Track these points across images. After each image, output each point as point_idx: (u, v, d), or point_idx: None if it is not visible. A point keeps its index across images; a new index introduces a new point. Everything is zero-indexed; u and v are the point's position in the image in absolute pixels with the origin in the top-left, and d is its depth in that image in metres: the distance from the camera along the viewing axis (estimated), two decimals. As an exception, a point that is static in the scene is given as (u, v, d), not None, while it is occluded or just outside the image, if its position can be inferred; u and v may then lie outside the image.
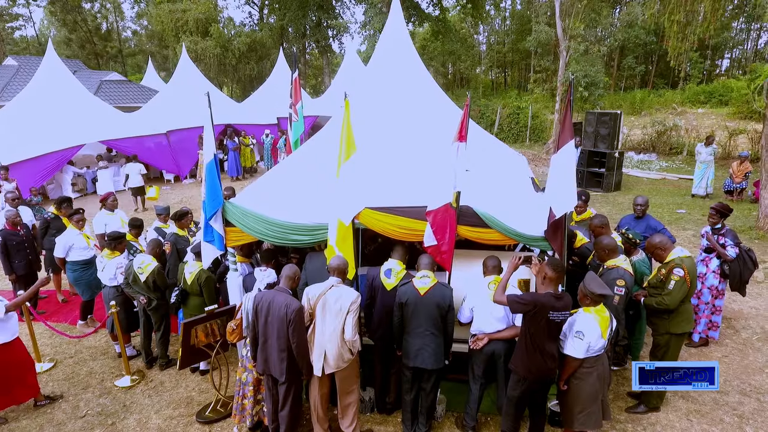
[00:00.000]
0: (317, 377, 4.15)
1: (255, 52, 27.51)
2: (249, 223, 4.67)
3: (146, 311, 5.61)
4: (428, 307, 4.06)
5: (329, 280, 4.06)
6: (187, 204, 13.59)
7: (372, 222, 4.44)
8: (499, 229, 4.26)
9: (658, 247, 4.42)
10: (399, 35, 5.53)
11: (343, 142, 4.32)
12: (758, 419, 4.47)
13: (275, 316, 3.97)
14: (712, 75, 38.34)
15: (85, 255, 6.30)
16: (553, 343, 3.78)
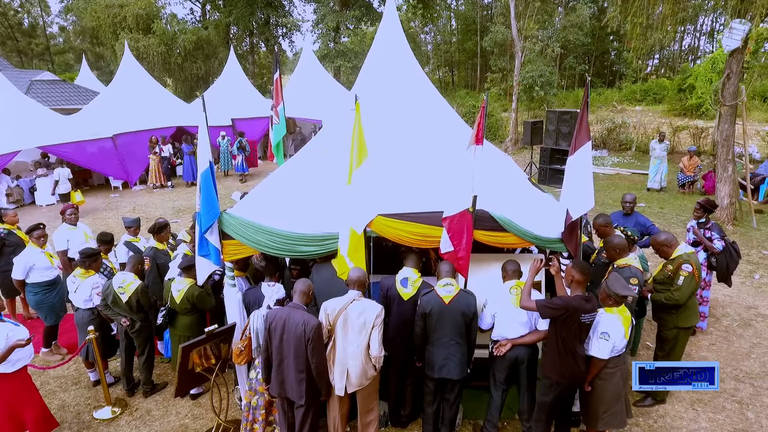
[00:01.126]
0: (337, 397, 3.92)
1: (201, 51, 26.27)
2: (250, 235, 4.35)
3: (128, 334, 5.13)
4: (453, 315, 3.93)
5: (349, 293, 3.84)
6: (140, 212, 12.75)
7: (385, 229, 4.25)
8: (515, 232, 4.21)
9: (664, 244, 4.54)
10: (394, 36, 5.36)
11: (354, 148, 4.11)
12: (757, 404, 4.70)
13: (292, 335, 3.71)
14: (644, 74, 40.88)
15: (48, 275, 5.69)
16: (582, 346, 3.77)
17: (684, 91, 24.71)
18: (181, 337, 4.97)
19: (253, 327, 4.11)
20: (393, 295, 4.25)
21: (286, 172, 5.17)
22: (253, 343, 4.17)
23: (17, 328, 4.11)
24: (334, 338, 3.81)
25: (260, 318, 4.11)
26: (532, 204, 4.56)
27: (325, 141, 5.21)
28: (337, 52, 23.66)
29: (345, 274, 4.26)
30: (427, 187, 4.45)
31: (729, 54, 8.53)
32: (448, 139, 4.93)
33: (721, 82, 8.74)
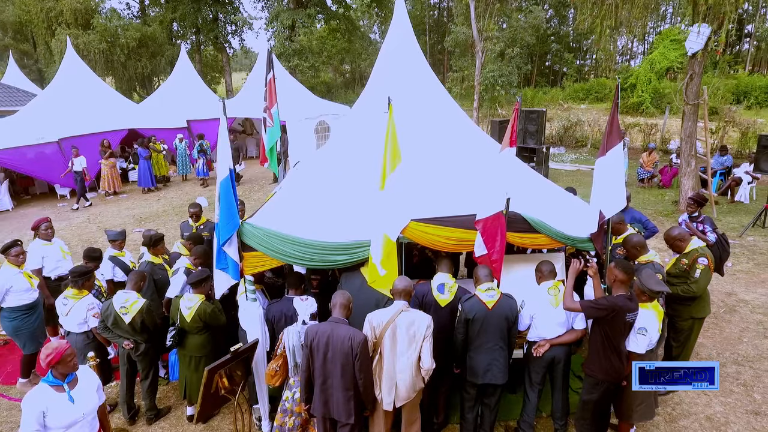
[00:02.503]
0: (383, 411, 3.78)
1: (146, 48, 24.80)
2: (276, 246, 4.11)
3: (130, 358, 4.72)
4: (497, 320, 3.89)
5: (396, 304, 3.70)
6: (96, 223, 11.88)
7: (419, 235, 4.15)
8: (547, 233, 4.24)
9: (678, 238, 4.73)
10: (405, 38, 5.24)
11: (388, 152, 3.97)
12: (760, 386, 5.01)
13: (338, 352, 3.53)
14: (583, 74, 43.04)
15: (27, 298, 5.14)
16: (625, 343, 3.84)
17: (625, 90, 26.22)
18: (192, 358, 4.65)
19: (288, 345, 3.88)
20: (429, 301, 4.15)
21: (302, 179, 4.93)
22: (290, 362, 3.93)
23: None
24: (381, 351, 3.66)
25: (295, 335, 3.89)
26: (557, 204, 4.60)
27: (336, 146, 5.02)
28: (294, 51, 23.13)
29: (376, 283, 4.13)
30: (456, 190, 4.39)
31: (691, 56, 9.10)
32: (468, 141, 4.90)
33: (685, 82, 9.30)
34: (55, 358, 3.03)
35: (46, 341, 5.63)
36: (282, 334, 3.96)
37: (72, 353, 3.12)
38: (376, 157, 4.61)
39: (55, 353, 3.02)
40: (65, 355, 3.06)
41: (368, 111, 5.05)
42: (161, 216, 12.32)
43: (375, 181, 4.38)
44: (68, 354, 3.07)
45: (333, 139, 5.43)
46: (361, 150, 4.74)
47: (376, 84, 5.21)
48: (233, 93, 29.01)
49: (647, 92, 24.82)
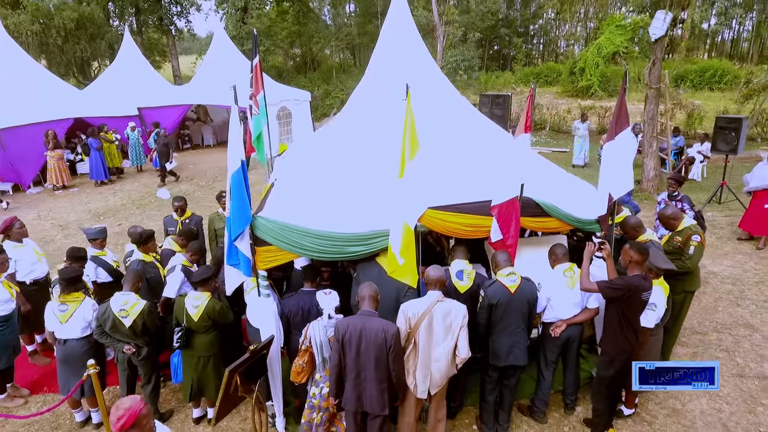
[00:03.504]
0: (414, 400, 3.79)
1: (85, 30, 22.97)
2: (292, 239, 3.97)
3: (131, 362, 4.46)
4: (519, 304, 3.97)
5: (431, 294, 3.69)
6: (49, 219, 11.07)
7: (436, 223, 4.14)
8: (559, 216, 4.34)
9: (671, 217, 4.98)
10: (403, 23, 5.14)
11: (406, 140, 3.90)
12: (740, 350, 5.42)
13: (371, 345, 3.48)
14: (531, 58, 44.20)
15: (5, 309, 4.72)
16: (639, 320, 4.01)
17: (575, 74, 27.16)
18: (201, 358, 4.45)
19: (315, 340, 3.78)
20: (449, 288, 4.16)
21: (308, 168, 4.77)
22: (317, 358, 3.84)
23: None
24: (415, 341, 3.64)
25: (321, 329, 3.80)
26: (564, 187, 4.71)
27: (349, 133, 4.88)
28: (247, 34, 22.21)
29: (396, 273, 4.09)
30: (469, 176, 4.40)
31: (654, 42, 9.52)
32: (475, 126, 4.90)
33: (648, 67, 9.73)
34: (129, 421, 2.50)
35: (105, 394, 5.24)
36: (306, 329, 3.85)
37: (147, 414, 2.62)
38: (386, 144, 4.56)
39: (128, 415, 2.50)
40: (140, 416, 2.54)
41: (372, 98, 4.95)
42: (121, 210, 11.64)
43: (388, 169, 4.32)
44: (143, 415, 2.56)
45: (336, 127, 5.25)
46: (370, 138, 4.65)
47: (377, 70, 5.10)
48: (181, 78, 27.64)
49: (595, 76, 25.80)
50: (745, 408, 4.61)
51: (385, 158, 4.44)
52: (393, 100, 4.86)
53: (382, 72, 5.04)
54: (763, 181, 7.44)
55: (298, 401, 4.67)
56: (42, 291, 5.58)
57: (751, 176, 7.76)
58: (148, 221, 10.75)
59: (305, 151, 5.41)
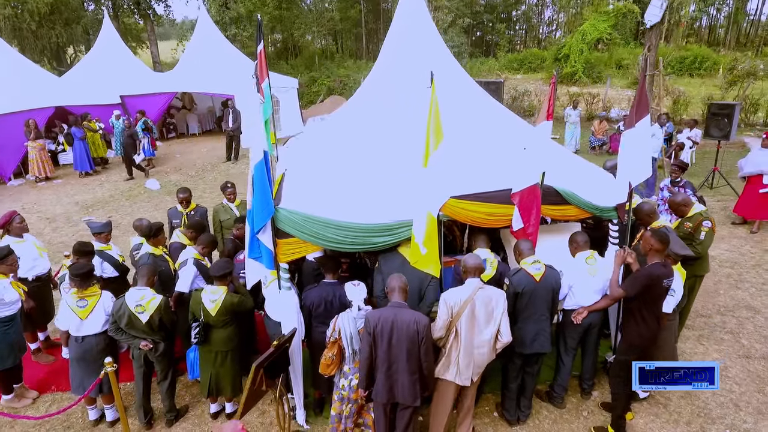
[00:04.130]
0: (452, 389, 3.83)
1: (60, 15, 22.02)
2: (315, 231, 3.91)
3: (147, 359, 4.36)
4: (544, 292, 3.99)
5: (471, 282, 3.70)
6: (35, 212, 10.71)
7: (458, 212, 4.12)
8: (578, 204, 4.36)
9: (682, 204, 5.06)
10: (416, 11, 5.05)
11: (431, 130, 3.85)
12: (744, 332, 5.57)
13: (403, 337, 3.47)
14: (513, 44, 44.26)
15: (12, 309, 4.55)
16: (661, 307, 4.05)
17: (559, 60, 27.30)
18: (218, 353, 4.39)
19: (345, 332, 3.74)
20: (472, 279, 4.16)
21: (324, 157, 4.67)
22: (347, 350, 3.80)
23: None
24: (457, 330, 3.64)
25: (351, 321, 3.76)
26: (581, 174, 4.72)
27: (365, 121, 4.79)
28: (231, 19, 21.67)
29: (419, 263, 4.06)
30: (489, 164, 4.37)
31: (649, 28, 9.60)
32: (492, 114, 4.87)
33: (643, 54, 9.83)
34: None
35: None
36: (335, 321, 3.81)
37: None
38: (405, 133, 4.51)
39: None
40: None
41: (388, 85, 4.86)
42: (110, 202, 11.33)
43: (408, 159, 4.28)
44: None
45: (350, 115, 5.14)
46: (387, 127, 4.57)
47: (391, 57, 5.01)
48: (161, 65, 26.88)
49: (579, 62, 25.97)
50: (754, 388, 4.75)
51: (404, 147, 4.39)
52: (410, 87, 4.80)
53: (397, 59, 4.94)
54: (758, 166, 7.62)
55: (318, 393, 4.65)
56: (44, 287, 5.42)
57: (746, 162, 7.93)
58: (140, 213, 10.50)
59: (315, 140, 5.30)
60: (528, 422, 4.44)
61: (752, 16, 36.32)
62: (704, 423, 4.38)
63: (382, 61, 5.15)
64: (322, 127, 5.49)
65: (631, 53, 29.67)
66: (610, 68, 27.58)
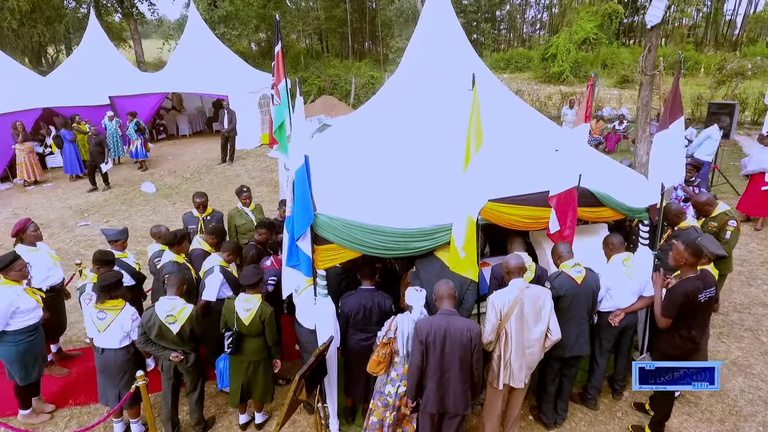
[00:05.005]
0: (502, 393, 3.80)
1: (41, 13, 21.30)
2: (355, 236, 3.83)
3: (176, 371, 4.23)
4: (586, 294, 3.98)
5: (515, 282, 3.69)
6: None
7: (496, 215, 4.09)
8: (613, 206, 4.38)
9: (707, 203, 5.12)
10: (443, 12, 5.00)
11: (472, 133, 3.80)
12: (763, 329, 5.67)
13: (456, 345, 3.42)
14: (498, 44, 44.62)
15: (34, 317, 4.37)
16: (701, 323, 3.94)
17: (547, 60, 27.61)
18: (251, 363, 4.28)
19: (403, 333, 3.66)
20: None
21: (353, 161, 4.58)
22: (402, 350, 3.72)
23: None
24: (507, 332, 3.61)
25: (411, 323, 3.68)
26: (613, 176, 4.72)
27: (395, 123, 4.71)
28: (220, 18, 21.29)
29: (458, 267, 4.02)
30: (524, 167, 4.35)
31: (650, 29, 9.69)
32: (526, 117, 4.85)
33: (644, 54, 9.91)
34: None
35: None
36: (392, 321, 3.73)
37: None
38: (439, 136, 4.46)
39: None
40: None
41: (417, 87, 4.81)
42: (105, 206, 11.01)
43: (443, 161, 4.24)
44: None
45: (378, 117, 5.04)
46: (420, 129, 4.51)
47: (417, 58, 4.95)
48: (145, 65, 26.31)
49: (567, 62, 26.31)
50: (780, 385, 4.83)
51: (438, 150, 4.36)
52: (441, 89, 4.76)
53: (425, 60, 4.89)
54: (761, 164, 7.77)
55: (350, 401, 4.58)
56: (57, 298, 5.23)
57: (749, 160, 8.09)
58: (137, 217, 10.26)
59: (340, 142, 5.21)
60: (564, 425, 4.43)
61: (728, 17, 37.35)
62: (737, 421, 4.43)
63: (408, 61, 5.09)
64: (344, 128, 5.36)
65: (614, 53, 30.19)
66: (597, 68, 27.98)
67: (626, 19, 34.37)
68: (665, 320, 3.77)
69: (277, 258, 4.81)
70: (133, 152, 13.70)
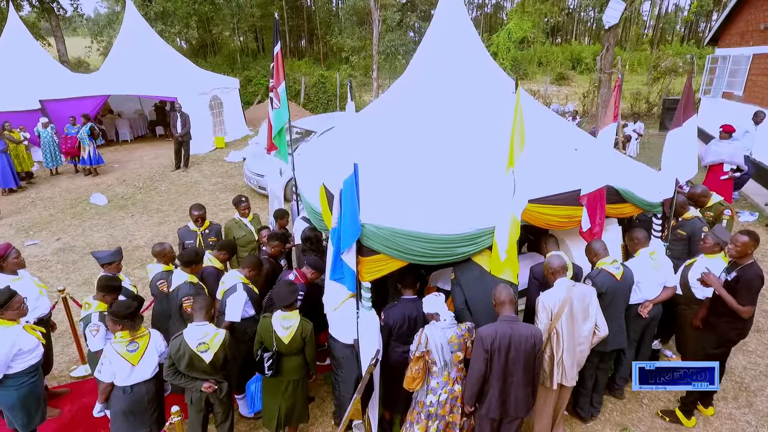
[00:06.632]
0: (555, 393, 3.85)
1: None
2: (402, 245, 3.70)
3: (208, 401, 3.89)
4: (624, 291, 4.10)
5: (562, 281, 3.71)
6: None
7: (535, 216, 4.11)
8: (635, 201, 4.53)
9: (702, 195, 5.44)
10: (456, 12, 4.93)
11: (516, 134, 3.79)
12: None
13: (521, 351, 3.40)
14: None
15: (36, 356, 3.85)
16: None
17: (487, 58, 28.45)
18: (290, 383, 4.03)
19: (436, 343, 3.56)
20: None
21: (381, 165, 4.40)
22: (439, 361, 3.62)
23: None
24: (558, 331, 3.62)
25: (441, 332, 3.60)
26: (629, 172, 4.87)
27: (419, 126, 4.57)
28: (156, 15, 19.95)
29: (499, 270, 4.00)
30: (548, 167, 4.38)
31: (607, 29, 10.25)
32: (546, 117, 4.89)
33: (602, 54, 10.48)
34: None
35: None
36: (421, 334, 3.62)
37: None
38: (472, 138, 4.40)
39: None
40: None
41: (435, 89, 4.72)
42: (52, 222, 10.00)
43: (480, 164, 4.20)
44: None
45: (398, 119, 4.84)
46: (451, 131, 4.43)
47: (432, 59, 4.86)
48: (69, 64, 24.22)
49: (507, 60, 27.23)
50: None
51: (472, 151, 4.30)
52: (463, 91, 4.71)
53: (441, 61, 4.81)
54: (719, 156, 8.42)
55: (388, 413, 4.44)
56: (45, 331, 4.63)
57: (706, 152, 8.74)
58: (93, 232, 9.42)
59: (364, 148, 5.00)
60: (599, 416, 4.55)
61: (645, 17, 40.47)
62: (748, 397, 4.76)
63: (421, 62, 4.99)
64: (365, 131, 5.10)
65: (548, 51, 31.74)
66: (533, 65, 29.27)
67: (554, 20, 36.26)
68: (749, 309, 3.90)
69: (300, 271, 4.55)
70: (85, 158, 12.54)
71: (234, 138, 16.83)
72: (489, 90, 4.82)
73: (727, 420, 4.51)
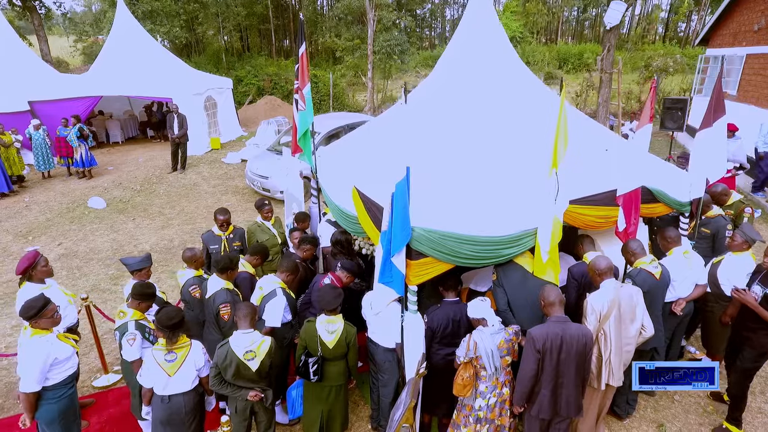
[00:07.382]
0: (601, 393, 3.88)
1: None
2: (450, 247, 3.69)
3: (253, 410, 3.82)
4: (662, 289, 4.15)
5: (609, 282, 3.72)
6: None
7: (575, 217, 4.13)
8: (666, 201, 4.59)
9: (722, 194, 5.54)
10: (485, 12, 4.93)
11: (560, 134, 3.80)
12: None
13: (573, 352, 3.42)
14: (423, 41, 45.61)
15: (73, 365, 3.74)
16: None
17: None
18: (332, 388, 4.00)
19: (486, 349, 3.56)
20: (588, 282, 4.20)
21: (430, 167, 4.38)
22: (489, 368, 3.62)
23: None
24: (605, 332, 3.64)
25: (489, 338, 3.60)
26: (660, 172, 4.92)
27: (457, 128, 4.56)
28: (144, 14, 19.54)
29: (542, 271, 4.03)
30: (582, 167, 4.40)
31: (608, 30, 10.39)
32: (576, 118, 4.92)
33: (603, 54, 10.61)
34: None
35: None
36: (469, 340, 3.62)
37: None
38: (514, 139, 4.39)
39: None
40: None
41: (468, 92, 4.70)
42: (51, 227, 9.73)
43: (519, 165, 4.21)
44: None
45: (436, 120, 4.78)
46: (487, 134, 4.42)
47: (462, 61, 4.85)
48: (53, 64, 23.60)
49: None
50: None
51: (514, 152, 4.30)
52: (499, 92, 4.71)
53: (472, 62, 4.80)
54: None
55: (427, 417, 4.42)
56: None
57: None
58: (95, 237, 9.20)
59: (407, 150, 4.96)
60: (634, 414, 4.60)
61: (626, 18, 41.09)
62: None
63: (450, 62, 4.97)
64: (401, 134, 5.05)
65: (535, 50, 32.05)
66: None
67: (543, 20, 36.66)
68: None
69: (335, 275, 4.50)
70: (77, 161, 12.22)
71: (229, 139, 16.61)
72: (524, 91, 4.85)
73: (758, 414, 4.61)
